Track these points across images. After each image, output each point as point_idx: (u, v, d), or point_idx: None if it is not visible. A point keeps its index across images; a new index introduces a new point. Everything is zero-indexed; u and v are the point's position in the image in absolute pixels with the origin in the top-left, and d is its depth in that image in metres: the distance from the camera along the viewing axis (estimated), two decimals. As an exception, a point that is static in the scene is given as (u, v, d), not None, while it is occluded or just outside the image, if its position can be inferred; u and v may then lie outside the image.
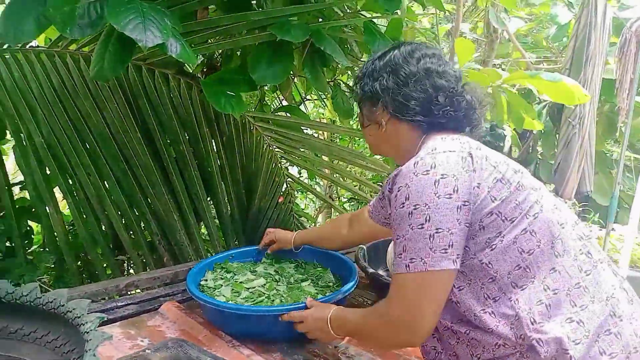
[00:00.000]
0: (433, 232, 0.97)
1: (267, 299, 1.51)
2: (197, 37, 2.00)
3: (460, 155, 1.02)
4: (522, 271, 1.02)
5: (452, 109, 1.14)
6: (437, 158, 1.01)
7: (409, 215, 0.99)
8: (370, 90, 1.19)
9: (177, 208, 2.16)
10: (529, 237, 1.02)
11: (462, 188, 0.99)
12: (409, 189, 1.00)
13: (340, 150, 2.33)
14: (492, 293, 1.03)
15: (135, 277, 1.82)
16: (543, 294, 1.01)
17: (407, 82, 1.14)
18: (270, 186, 2.32)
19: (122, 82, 2.06)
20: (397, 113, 1.16)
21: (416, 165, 1.01)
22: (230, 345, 1.38)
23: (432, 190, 0.98)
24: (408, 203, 0.99)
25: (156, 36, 1.44)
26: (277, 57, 2.00)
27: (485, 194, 1.00)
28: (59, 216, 2.08)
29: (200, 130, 2.14)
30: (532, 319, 0.99)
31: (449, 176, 0.99)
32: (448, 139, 1.09)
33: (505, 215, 1.01)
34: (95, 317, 1.15)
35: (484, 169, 1.02)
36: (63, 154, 2.04)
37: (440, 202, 0.97)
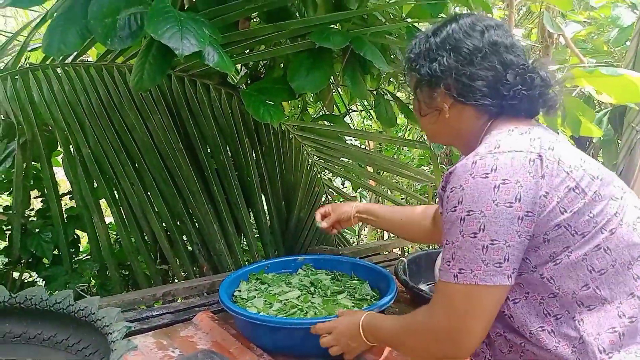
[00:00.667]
0: (487, 243, 0.87)
1: (300, 312, 1.46)
2: (238, 48, 2.01)
3: (527, 157, 0.89)
4: (591, 291, 0.90)
5: (524, 87, 0.99)
6: (499, 159, 0.89)
7: (461, 221, 0.89)
8: (429, 72, 1.05)
9: (217, 218, 2.15)
10: (602, 255, 0.90)
11: (526, 196, 0.87)
12: (464, 192, 0.89)
13: (383, 160, 2.26)
14: (554, 310, 0.92)
15: (172, 286, 1.82)
16: (617, 320, 0.89)
17: (471, 60, 1.00)
18: (310, 196, 2.28)
19: (165, 93, 2.09)
20: (462, 96, 1.02)
21: (474, 166, 0.90)
22: (262, 359, 1.33)
23: (491, 196, 0.87)
24: (461, 207, 0.89)
25: (192, 44, 1.44)
26: (317, 65, 1.96)
27: (553, 204, 0.89)
28: (103, 225, 2.12)
29: (241, 141, 2.13)
30: (600, 347, 0.88)
31: (511, 182, 0.87)
32: (516, 133, 0.95)
33: (575, 229, 0.89)
34: (122, 326, 1.14)
35: (554, 175, 0.89)
36: (109, 164, 2.09)
37: (498, 211, 0.86)
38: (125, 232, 2.13)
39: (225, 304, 1.41)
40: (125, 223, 2.13)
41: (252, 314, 1.38)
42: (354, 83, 2.02)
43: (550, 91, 1.03)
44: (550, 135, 0.99)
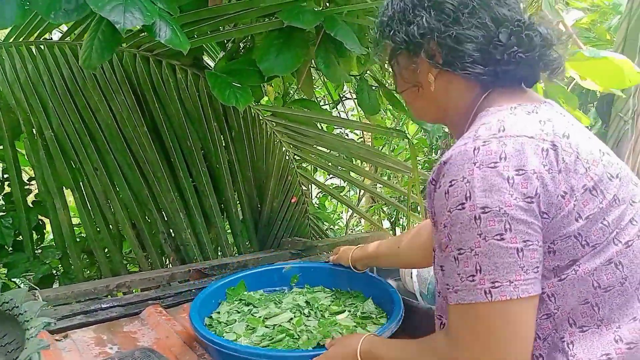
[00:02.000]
0: (521, 245, 0.70)
1: (290, 338, 1.24)
2: (206, 26, 1.89)
3: (539, 145, 0.73)
4: (589, 308, 0.76)
5: (521, 49, 0.80)
6: (507, 145, 0.72)
7: (476, 221, 0.71)
8: (406, 37, 0.86)
9: (184, 206, 2.06)
10: (613, 271, 0.75)
11: (544, 194, 0.71)
12: (470, 185, 0.71)
13: (359, 149, 2.15)
14: (544, 332, 0.78)
15: (128, 278, 1.74)
16: (612, 346, 0.75)
17: (457, 18, 0.82)
18: (283, 185, 2.18)
19: (130, 74, 1.99)
20: (448, 64, 0.84)
21: (477, 152, 0.73)
22: (202, 359, 1.24)
23: (507, 189, 0.70)
24: (471, 204, 0.71)
25: (137, 18, 1.34)
26: (287, 45, 1.85)
27: (569, 207, 0.73)
28: (66, 211, 2.03)
29: (209, 125, 2.03)
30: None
31: (527, 172, 0.71)
32: (521, 112, 0.78)
33: (587, 239, 0.74)
34: (40, 322, 1.05)
35: (572, 171, 0.73)
36: (72, 147, 2.00)
37: (519, 207, 0.70)
38: (89, 219, 2.04)
39: (197, 329, 1.18)
40: (89, 209, 2.04)
41: (221, 341, 1.15)
42: (327, 66, 1.91)
43: (553, 52, 0.84)
44: (561, 115, 0.82)
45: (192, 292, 1.65)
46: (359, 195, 4.12)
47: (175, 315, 1.47)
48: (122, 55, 1.98)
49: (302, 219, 2.28)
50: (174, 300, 1.62)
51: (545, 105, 0.85)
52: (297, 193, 2.22)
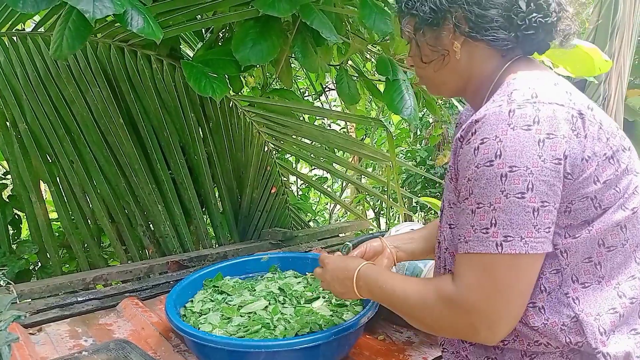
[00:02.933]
0: (538, 205, 0.75)
1: (266, 328, 1.23)
2: (181, 15, 1.87)
3: (569, 112, 0.78)
4: (592, 266, 0.82)
5: (540, 14, 0.85)
6: (541, 110, 0.77)
7: (502, 179, 0.75)
8: (434, 6, 0.89)
9: (162, 198, 2.04)
10: (618, 232, 0.82)
11: (570, 156, 0.76)
12: (502, 145, 0.75)
13: (337, 138, 2.15)
14: (551, 285, 0.83)
15: (105, 270, 1.73)
16: (617, 301, 0.82)
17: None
18: (262, 176, 2.17)
19: (105, 64, 1.96)
20: (475, 31, 0.87)
21: (512, 115, 0.76)
22: (177, 350, 1.24)
23: (536, 151, 0.74)
24: (500, 162, 0.75)
25: (107, 7, 1.31)
26: (263, 35, 1.83)
27: (591, 170, 0.78)
28: (42, 205, 2.00)
29: (186, 116, 2.01)
30: (601, 329, 0.80)
31: (557, 137, 0.75)
32: (548, 82, 0.83)
33: (600, 202, 0.80)
34: (10, 315, 1.04)
35: (596, 139, 0.79)
36: (47, 140, 1.97)
37: (546, 168, 0.75)
38: (65, 213, 2.01)
39: (172, 320, 1.17)
40: (65, 203, 2.01)
41: (201, 334, 1.14)
42: (304, 55, 1.90)
43: (566, 18, 0.89)
44: (583, 95, 0.87)
45: (170, 284, 1.65)
46: (342, 186, 4.12)
47: (152, 307, 1.47)
48: (97, 45, 1.95)
49: (283, 209, 2.28)
50: (151, 292, 1.62)
51: (561, 78, 0.90)
52: (277, 183, 2.21)
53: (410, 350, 1.29)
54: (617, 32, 2.04)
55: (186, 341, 1.20)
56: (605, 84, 2.06)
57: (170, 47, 2.04)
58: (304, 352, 1.11)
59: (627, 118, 2.83)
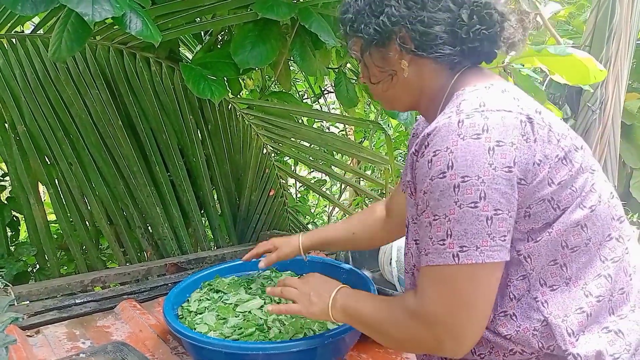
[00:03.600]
0: (491, 213, 0.75)
1: (260, 330, 1.22)
2: (181, 18, 1.88)
3: (517, 118, 0.78)
4: (557, 268, 0.82)
5: (483, 26, 0.86)
6: (490, 118, 0.77)
7: (455, 189, 0.76)
8: (378, 28, 0.89)
9: (161, 200, 2.04)
10: (579, 232, 0.82)
11: (520, 162, 0.77)
12: (453, 155, 0.76)
13: (335, 141, 2.15)
14: (519, 292, 0.82)
15: (103, 273, 1.73)
16: (584, 300, 0.81)
17: (424, 3, 0.87)
18: (261, 178, 2.17)
19: (104, 67, 1.97)
20: (421, 49, 0.88)
21: (461, 125, 0.77)
22: (174, 352, 1.24)
23: (486, 160, 0.75)
24: (452, 173, 0.76)
25: (106, 10, 1.32)
26: (262, 38, 1.84)
27: (544, 174, 0.79)
28: (40, 207, 2.00)
29: (184, 119, 2.02)
30: (569, 330, 0.80)
31: (506, 144, 0.76)
32: (495, 90, 0.83)
33: (558, 203, 0.80)
34: (7, 317, 1.04)
35: (547, 142, 0.79)
36: (45, 142, 1.97)
37: (497, 176, 0.75)
38: (64, 215, 2.01)
39: (170, 322, 1.17)
40: (64, 205, 2.02)
41: (199, 337, 1.13)
42: (302, 58, 1.91)
43: (510, 26, 0.90)
44: (532, 100, 0.87)
45: (168, 286, 1.65)
46: (340, 189, 4.12)
47: (150, 310, 1.47)
48: (95, 48, 1.96)
49: (281, 212, 2.28)
50: (149, 294, 1.62)
51: (510, 85, 0.90)
52: (275, 186, 2.22)
53: (407, 354, 1.29)
54: (615, 36, 2.05)
55: (184, 343, 1.20)
56: (602, 88, 2.07)
57: (169, 50, 2.05)
58: (301, 354, 1.11)
59: (624, 122, 2.85)
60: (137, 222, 2.05)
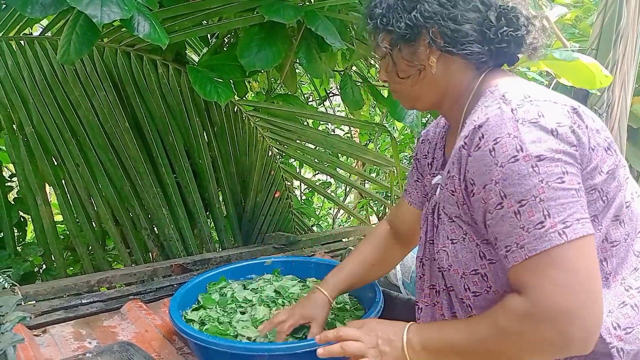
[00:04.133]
0: (577, 186, 0.74)
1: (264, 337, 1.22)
2: (187, 21, 1.89)
3: (564, 108, 0.79)
4: (599, 264, 0.81)
5: (511, 28, 0.88)
6: (540, 106, 0.77)
7: (534, 169, 0.72)
8: (410, 23, 0.90)
9: (167, 202, 2.05)
10: (618, 227, 0.83)
11: (580, 145, 0.77)
12: (519, 139, 0.74)
13: (341, 143, 2.16)
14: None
15: (109, 273, 1.74)
16: (625, 294, 0.82)
17: (456, 1, 0.89)
18: (266, 180, 2.18)
19: (111, 69, 1.98)
20: (451, 45, 0.89)
21: (515, 112, 0.77)
22: (180, 353, 1.25)
23: (553, 140, 0.74)
24: (525, 155, 0.73)
25: (114, 12, 1.33)
26: (268, 40, 1.85)
27: (597, 160, 0.79)
28: (47, 207, 2.02)
29: (190, 120, 2.03)
30: (615, 323, 0.80)
31: (565, 126, 0.76)
32: (528, 85, 0.85)
33: (607, 194, 0.80)
34: (15, 316, 1.05)
35: (594, 132, 0.80)
36: (53, 143, 1.98)
37: (567, 153, 0.74)
38: (70, 216, 2.02)
39: (176, 323, 1.18)
40: (71, 206, 2.03)
41: (205, 337, 1.14)
42: (308, 61, 1.92)
43: (534, 30, 0.92)
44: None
45: (174, 287, 1.65)
46: (345, 191, 4.13)
47: (155, 310, 1.48)
48: (103, 50, 1.97)
49: (286, 213, 2.29)
50: (155, 295, 1.62)
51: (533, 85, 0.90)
52: (280, 188, 2.22)
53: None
54: (621, 39, 2.04)
55: (190, 344, 1.21)
56: (608, 92, 2.06)
57: (176, 52, 2.06)
58: (307, 355, 1.11)
59: (631, 125, 2.84)
60: (143, 223, 2.06)
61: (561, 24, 4.30)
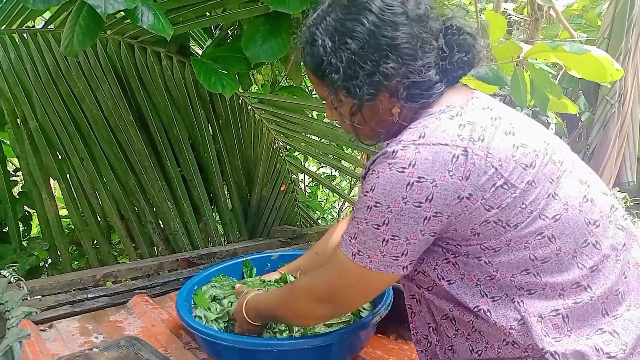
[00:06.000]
0: (388, 237, 0.83)
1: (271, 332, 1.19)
2: (191, 12, 1.86)
3: (451, 152, 0.78)
4: (531, 277, 0.83)
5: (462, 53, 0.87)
6: (420, 153, 0.79)
7: (368, 209, 0.83)
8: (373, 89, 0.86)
9: (172, 195, 2.04)
10: (546, 243, 0.81)
11: (438, 198, 0.79)
12: (377, 181, 0.81)
13: (345, 134, 2.13)
14: (492, 291, 0.84)
15: (115, 267, 1.73)
16: (561, 302, 0.82)
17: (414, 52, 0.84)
18: (272, 173, 2.16)
19: (115, 62, 1.96)
20: (414, 97, 0.86)
21: (395, 155, 0.80)
22: (187, 347, 1.23)
23: (401, 193, 0.79)
24: (371, 195, 0.82)
25: (118, 2, 1.31)
26: (273, 32, 1.82)
27: (477, 204, 0.80)
28: (52, 202, 2.01)
29: (195, 113, 2.01)
30: (544, 331, 0.81)
31: (427, 180, 0.78)
32: (445, 117, 0.82)
33: (507, 222, 0.81)
34: (21, 311, 1.03)
35: (480, 174, 0.79)
36: (57, 137, 1.97)
37: (405, 210, 0.80)
38: (75, 210, 2.02)
39: (183, 318, 1.16)
40: (75, 200, 2.02)
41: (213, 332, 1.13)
42: (313, 52, 1.88)
43: (479, 46, 0.91)
44: (485, 113, 0.85)
45: (180, 281, 1.64)
46: (350, 184, 4.11)
47: (162, 304, 1.46)
48: (106, 42, 1.95)
49: (292, 207, 2.27)
50: (161, 289, 1.61)
51: (473, 101, 0.87)
52: (286, 181, 2.21)
53: (422, 350, 1.27)
54: (634, 27, 2.00)
55: (197, 339, 1.20)
56: (621, 81, 2.03)
57: (180, 44, 2.04)
58: (316, 351, 1.10)
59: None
60: (149, 217, 2.05)
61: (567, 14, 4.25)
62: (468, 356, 0.90)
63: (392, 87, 0.86)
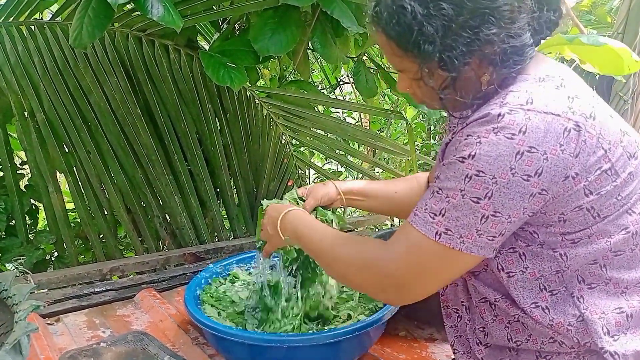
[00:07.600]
0: (489, 213, 0.73)
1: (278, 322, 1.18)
2: (199, 4, 1.85)
3: (564, 125, 0.72)
4: (598, 268, 0.79)
5: (550, 12, 0.80)
6: (531, 120, 0.71)
7: (466, 179, 0.73)
8: (468, 58, 0.78)
9: (179, 189, 2.03)
10: (626, 239, 0.78)
11: (547, 173, 0.72)
12: (480, 147, 0.72)
13: (355, 131, 2.12)
14: (551, 285, 0.80)
15: (122, 262, 1.72)
16: (625, 302, 0.79)
17: (513, 17, 0.76)
18: (279, 168, 2.15)
19: (122, 54, 1.95)
20: (511, 62, 0.78)
21: (501, 119, 0.72)
22: (195, 342, 1.22)
23: (510, 162, 0.71)
24: (471, 163, 0.73)
25: (127, -7, 1.30)
26: (282, 25, 1.81)
27: (580, 186, 0.75)
28: (58, 195, 2.00)
29: (203, 107, 1.99)
30: (605, 328, 0.78)
31: (537, 152, 0.71)
32: (549, 86, 0.76)
33: (599, 212, 0.76)
34: (29, 304, 1.03)
35: (590, 154, 0.74)
36: (64, 130, 1.96)
37: (513, 182, 0.72)
38: (82, 203, 2.01)
39: (192, 313, 1.15)
40: (82, 193, 2.01)
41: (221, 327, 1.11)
42: (323, 46, 1.87)
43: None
44: (587, 89, 0.81)
45: (187, 275, 1.64)
46: (356, 179, 4.09)
47: (169, 299, 1.46)
48: (114, 35, 1.94)
49: (299, 202, 2.25)
50: (168, 284, 1.61)
51: (568, 73, 0.82)
52: (293, 176, 2.19)
53: (433, 347, 1.26)
54: (650, 21, 1.97)
55: (205, 334, 1.19)
56: (634, 77, 2.00)
57: (188, 38, 2.02)
58: (326, 347, 1.09)
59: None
60: (155, 211, 2.04)
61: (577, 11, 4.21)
62: (503, 343, 0.86)
63: (488, 53, 0.78)
